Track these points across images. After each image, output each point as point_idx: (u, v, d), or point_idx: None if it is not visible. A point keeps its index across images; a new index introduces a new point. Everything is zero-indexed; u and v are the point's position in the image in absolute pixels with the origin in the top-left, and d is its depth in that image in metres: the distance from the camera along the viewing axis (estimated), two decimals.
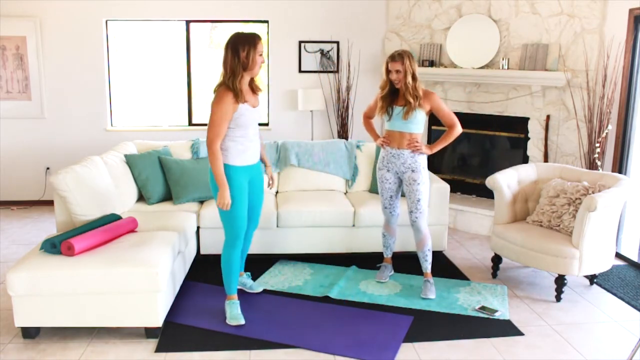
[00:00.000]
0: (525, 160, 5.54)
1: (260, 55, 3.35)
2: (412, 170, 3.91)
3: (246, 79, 3.39)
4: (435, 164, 6.12)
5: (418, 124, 3.88)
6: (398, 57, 3.79)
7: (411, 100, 3.78)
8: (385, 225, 4.18)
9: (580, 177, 4.27)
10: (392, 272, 4.33)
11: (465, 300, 3.91)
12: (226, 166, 3.39)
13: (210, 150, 3.32)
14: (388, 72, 3.85)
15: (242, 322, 3.48)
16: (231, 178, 3.39)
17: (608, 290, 4.13)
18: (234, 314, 3.51)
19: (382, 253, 4.30)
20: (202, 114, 6.54)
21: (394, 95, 3.90)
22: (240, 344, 3.30)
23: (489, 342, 3.36)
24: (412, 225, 3.98)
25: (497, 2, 5.56)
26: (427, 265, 4.01)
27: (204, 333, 3.42)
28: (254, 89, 3.50)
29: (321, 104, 6.34)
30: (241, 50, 3.28)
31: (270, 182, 3.91)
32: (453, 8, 5.86)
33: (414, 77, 3.80)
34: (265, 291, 4.02)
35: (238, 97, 3.30)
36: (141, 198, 4.62)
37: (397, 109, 3.86)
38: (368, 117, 4.18)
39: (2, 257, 4.73)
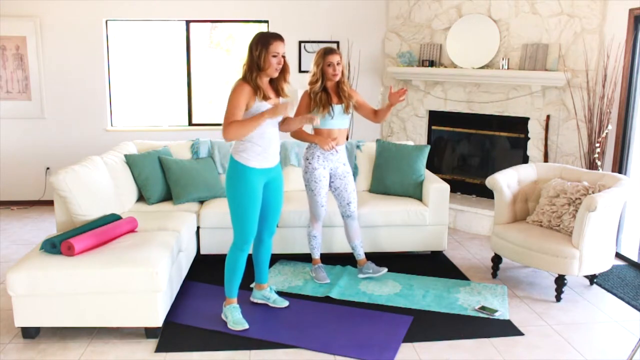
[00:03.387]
0: (525, 160, 5.53)
1: (275, 56, 3.24)
2: (344, 164, 4.07)
3: (264, 78, 3.31)
4: (435, 164, 6.12)
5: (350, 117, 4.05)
6: (335, 50, 3.92)
7: (348, 92, 3.93)
8: (316, 225, 4.15)
9: (580, 177, 4.27)
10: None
11: (465, 300, 3.90)
12: (241, 166, 3.32)
13: (228, 137, 3.19)
14: (326, 66, 3.87)
15: (247, 326, 3.44)
16: (245, 179, 3.32)
17: (608, 290, 4.13)
18: (237, 319, 3.47)
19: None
20: (202, 114, 6.55)
21: (326, 95, 3.93)
22: (240, 344, 3.30)
23: (489, 342, 3.36)
24: (349, 217, 4.12)
25: (497, 2, 5.55)
26: (363, 251, 4.23)
27: (204, 333, 3.42)
28: (279, 91, 3.40)
29: None
30: (254, 49, 3.24)
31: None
32: (453, 8, 5.86)
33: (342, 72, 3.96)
34: None
35: (256, 92, 3.23)
36: (141, 198, 4.62)
37: (337, 107, 3.94)
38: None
39: (2, 257, 4.73)
